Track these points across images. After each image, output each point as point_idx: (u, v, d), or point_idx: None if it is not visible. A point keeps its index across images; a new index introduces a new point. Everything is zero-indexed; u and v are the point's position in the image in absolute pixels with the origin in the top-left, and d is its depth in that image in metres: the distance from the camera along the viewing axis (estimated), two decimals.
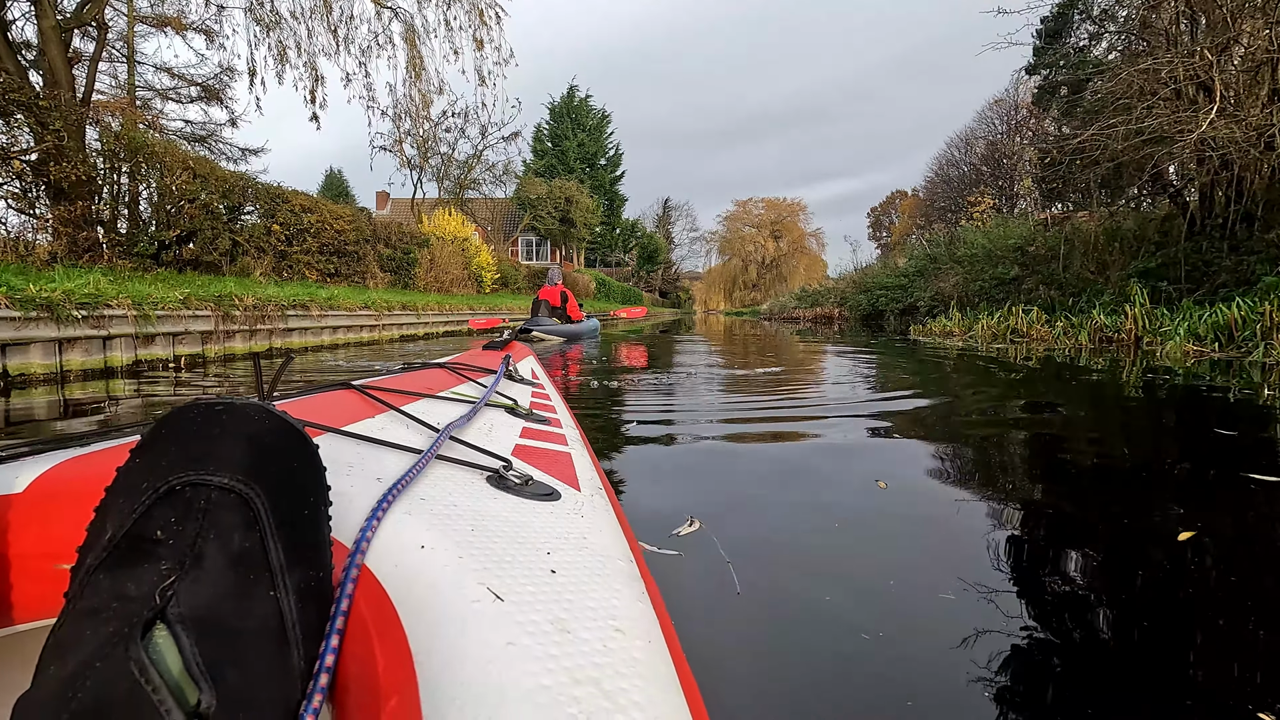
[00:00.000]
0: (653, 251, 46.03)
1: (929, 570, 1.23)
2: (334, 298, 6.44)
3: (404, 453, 0.60)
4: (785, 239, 53.96)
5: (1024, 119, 29.24)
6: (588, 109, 38.65)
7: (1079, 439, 2.46)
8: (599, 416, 2.81)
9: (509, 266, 20.98)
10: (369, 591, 0.37)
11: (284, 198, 9.27)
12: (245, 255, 8.42)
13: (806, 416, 2.77)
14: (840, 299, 21.32)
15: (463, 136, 19.64)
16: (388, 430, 0.68)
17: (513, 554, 0.43)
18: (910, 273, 16.78)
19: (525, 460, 0.68)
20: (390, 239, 12.97)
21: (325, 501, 0.40)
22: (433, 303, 9.90)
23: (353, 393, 0.84)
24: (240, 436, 0.36)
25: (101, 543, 0.33)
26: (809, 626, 1.01)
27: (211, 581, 0.31)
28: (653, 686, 0.33)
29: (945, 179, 34.96)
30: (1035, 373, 4.53)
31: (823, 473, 1.88)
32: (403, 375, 1.08)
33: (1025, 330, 6.97)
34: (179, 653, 0.28)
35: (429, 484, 0.53)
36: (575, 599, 0.39)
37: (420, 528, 0.43)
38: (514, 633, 0.33)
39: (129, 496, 0.34)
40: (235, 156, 18.57)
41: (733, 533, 1.36)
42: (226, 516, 0.33)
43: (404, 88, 11.51)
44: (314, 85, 9.97)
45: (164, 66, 17.67)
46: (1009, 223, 13.71)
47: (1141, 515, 1.55)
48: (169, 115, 18.30)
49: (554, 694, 0.30)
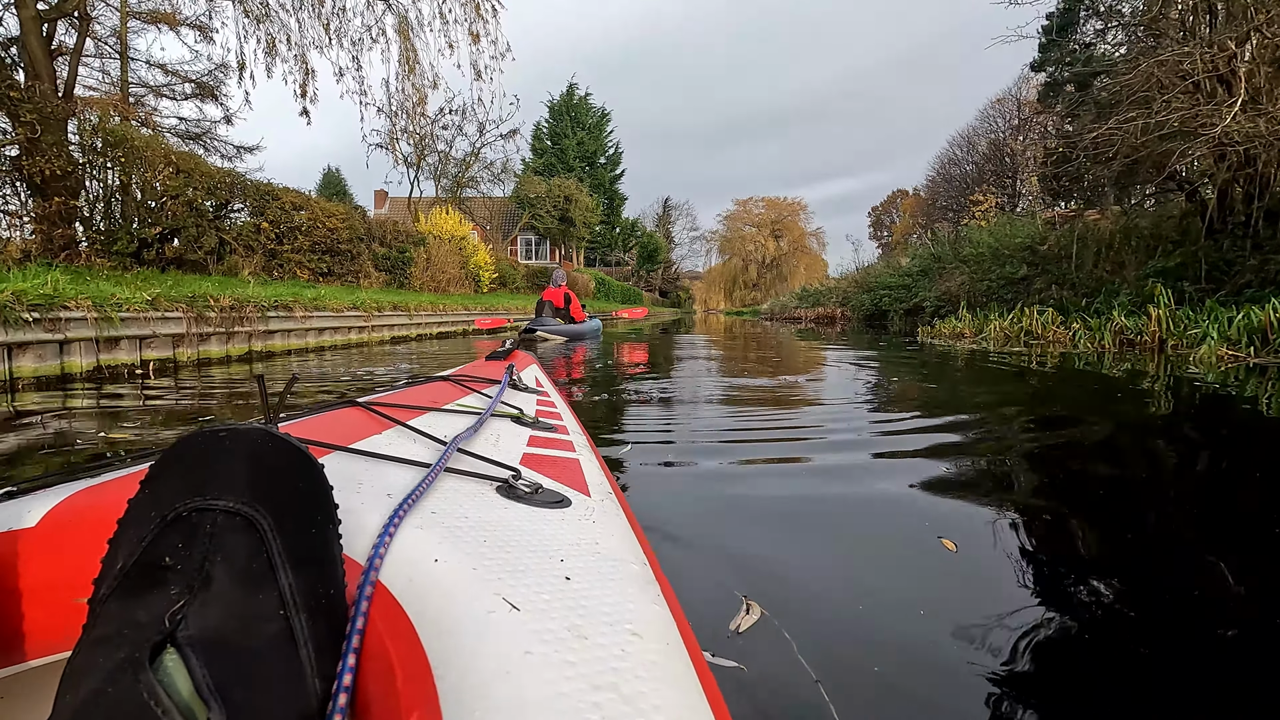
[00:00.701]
0: (653, 250, 45.77)
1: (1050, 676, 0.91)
2: (320, 298, 6.15)
3: (413, 467, 0.60)
4: (785, 238, 53.80)
5: (1027, 117, 29.07)
6: (587, 107, 38.36)
7: (1185, 482, 1.99)
8: (605, 422, 2.70)
9: (507, 266, 20.71)
10: (385, 607, 0.37)
11: (274, 195, 9.02)
12: (233, 254, 8.18)
13: (822, 434, 2.46)
14: (842, 299, 21.11)
15: (460, 134, 19.36)
16: (395, 445, 0.68)
17: (526, 563, 0.43)
18: (914, 272, 16.56)
19: (534, 469, 0.68)
20: (385, 238, 12.73)
21: (333, 519, 0.40)
22: (426, 303, 9.57)
23: (358, 410, 0.84)
24: (243, 460, 0.37)
25: (113, 572, 0.33)
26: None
27: (220, 603, 0.32)
28: (672, 689, 0.33)
29: (947, 178, 34.82)
30: (1062, 381, 4.25)
31: (868, 516, 1.58)
32: (407, 390, 1.09)
33: (1039, 332, 6.70)
34: (188, 674, 0.28)
35: (439, 497, 0.53)
36: (590, 605, 0.39)
37: (433, 541, 0.44)
38: (531, 641, 0.34)
39: (138, 526, 0.35)
40: (230, 154, 18.38)
41: (794, 613, 1.04)
42: (232, 539, 0.34)
43: (397, 82, 11.22)
44: (304, 79, 9.71)
45: (157, 63, 17.46)
46: (1015, 222, 13.45)
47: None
48: (163, 112, 18.13)
49: (573, 700, 0.30)
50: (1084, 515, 1.65)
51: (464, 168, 20.26)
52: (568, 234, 28.99)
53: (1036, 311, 6.88)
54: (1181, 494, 1.84)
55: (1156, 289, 6.30)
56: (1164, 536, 1.50)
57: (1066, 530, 1.56)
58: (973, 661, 0.93)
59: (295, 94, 9.47)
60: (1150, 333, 5.66)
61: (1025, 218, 14.57)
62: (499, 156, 21.98)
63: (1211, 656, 0.95)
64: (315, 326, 6.01)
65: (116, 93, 17.25)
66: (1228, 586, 1.18)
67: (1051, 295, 7.85)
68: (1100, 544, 1.45)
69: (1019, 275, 10.02)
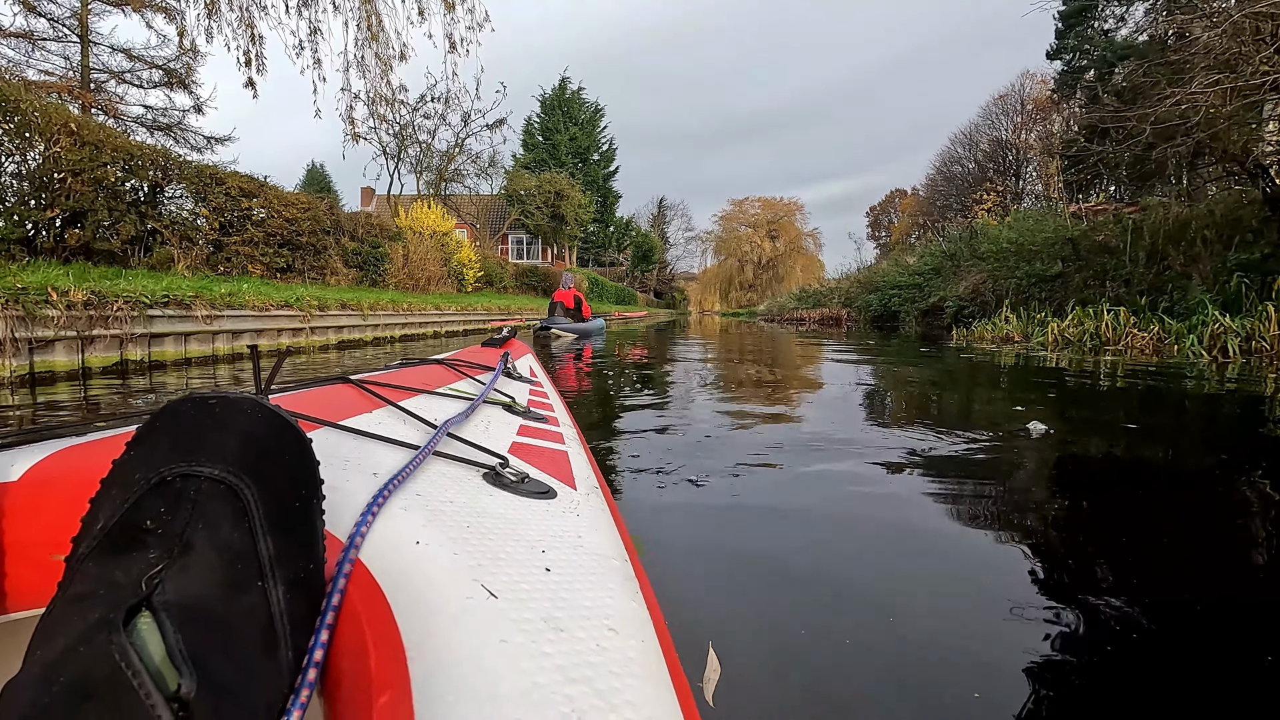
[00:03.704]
0: (648, 251, 44.73)
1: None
2: (237, 294, 5.02)
3: (401, 448, 0.59)
4: (782, 239, 53.07)
5: (1032, 111, 28.39)
6: (580, 102, 37.24)
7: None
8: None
9: (494, 265, 19.53)
10: (362, 586, 0.37)
11: (218, 179, 7.93)
12: (166, 246, 7.08)
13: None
14: (845, 299, 20.27)
15: (444, 123, 18.18)
16: (385, 425, 0.66)
17: (508, 551, 0.42)
18: (925, 271, 15.68)
19: (522, 458, 0.67)
20: (357, 232, 11.64)
21: (318, 495, 0.40)
22: (386, 301, 8.37)
23: (351, 387, 0.83)
24: (232, 429, 0.36)
25: (93, 532, 0.33)
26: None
27: (199, 571, 0.31)
28: (646, 686, 0.32)
29: (948, 176, 34.25)
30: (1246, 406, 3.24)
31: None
32: (401, 370, 1.05)
33: (1112, 336, 5.67)
34: (162, 639, 0.28)
35: (425, 480, 0.52)
36: (570, 597, 0.38)
37: (416, 523, 0.43)
38: (508, 630, 0.33)
39: (122, 487, 0.34)
40: (200, 145, 17.24)
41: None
42: (216, 507, 0.33)
43: (357, 49, 10.06)
44: (250, 46, 8.57)
45: (121, 48, 16.31)
46: (1037, 216, 12.51)
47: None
48: (129, 100, 16.96)
49: (547, 692, 0.30)
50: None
51: (447, 160, 19.07)
52: (559, 232, 27.85)
53: (1108, 311, 5.83)
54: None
55: (1237, 284, 5.34)
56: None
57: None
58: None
59: (239, 63, 8.34)
60: (1272, 336, 4.62)
61: (1047, 213, 13.65)
62: (485, 148, 20.83)
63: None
64: (229, 329, 4.82)
65: (75, 77, 16.09)
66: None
67: (1106, 292, 6.83)
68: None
69: (1052, 272, 9.06)
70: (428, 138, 18.01)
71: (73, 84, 15.50)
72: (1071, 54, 16.36)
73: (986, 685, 0.84)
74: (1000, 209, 20.61)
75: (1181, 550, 1.32)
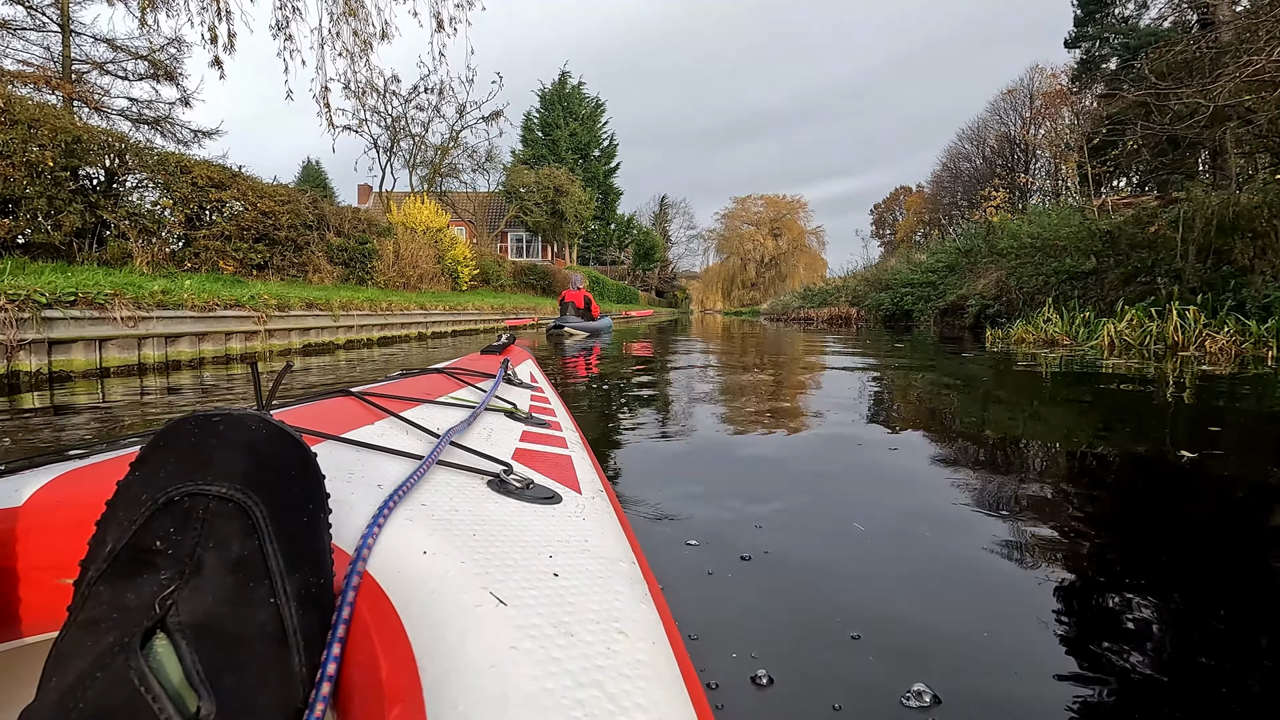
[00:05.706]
0: (649, 249, 44.06)
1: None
2: (172, 291, 4.37)
3: (404, 459, 0.59)
4: (785, 237, 52.40)
5: (1042, 107, 27.72)
6: (580, 97, 36.56)
7: None
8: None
9: (492, 262, 18.87)
10: (371, 598, 0.37)
11: (184, 167, 7.30)
12: (121, 239, 6.46)
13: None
14: (853, 298, 19.63)
15: (438, 116, 17.51)
16: (387, 436, 0.67)
17: (515, 558, 0.42)
18: (939, 268, 15.02)
19: (526, 464, 0.67)
20: (343, 227, 11.01)
21: (324, 508, 0.40)
22: (362, 300, 7.66)
23: (352, 399, 0.83)
24: (237, 446, 0.36)
25: (102, 555, 0.33)
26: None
27: (211, 589, 0.31)
28: (657, 689, 0.32)
29: (955, 173, 33.64)
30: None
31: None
32: (401, 381, 1.06)
33: (1182, 340, 5.02)
34: (179, 661, 0.28)
35: (430, 489, 0.52)
36: (578, 602, 0.38)
37: (422, 533, 0.43)
38: (517, 637, 0.33)
39: (128, 509, 0.34)
40: (187, 139, 16.62)
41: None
42: (225, 525, 0.33)
43: (332, 23, 9.39)
44: (215, 20, 7.92)
45: (104, 37, 15.70)
46: (1067, 211, 11.83)
47: None
48: (113, 93, 16.32)
49: (557, 697, 0.30)
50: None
51: (441, 153, 18.41)
52: (559, 229, 27.19)
53: (1177, 311, 5.16)
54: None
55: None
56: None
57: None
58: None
59: (204, 40, 7.70)
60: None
61: (1066, 207, 12.98)
62: (481, 141, 20.16)
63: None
64: (160, 332, 4.08)
65: (56, 68, 15.48)
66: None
67: (1155, 288, 6.17)
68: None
69: (1085, 268, 8.41)
70: (421, 130, 17.36)
71: (53, 74, 14.92)
72: (1092, 41, 15.65)
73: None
74: (1009, 205, 19.97)
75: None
